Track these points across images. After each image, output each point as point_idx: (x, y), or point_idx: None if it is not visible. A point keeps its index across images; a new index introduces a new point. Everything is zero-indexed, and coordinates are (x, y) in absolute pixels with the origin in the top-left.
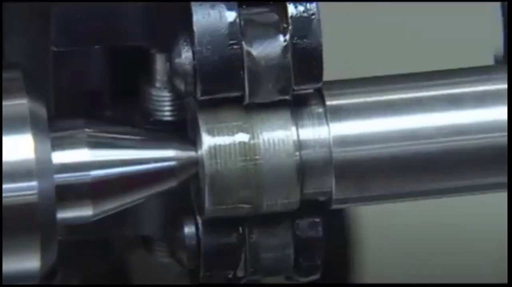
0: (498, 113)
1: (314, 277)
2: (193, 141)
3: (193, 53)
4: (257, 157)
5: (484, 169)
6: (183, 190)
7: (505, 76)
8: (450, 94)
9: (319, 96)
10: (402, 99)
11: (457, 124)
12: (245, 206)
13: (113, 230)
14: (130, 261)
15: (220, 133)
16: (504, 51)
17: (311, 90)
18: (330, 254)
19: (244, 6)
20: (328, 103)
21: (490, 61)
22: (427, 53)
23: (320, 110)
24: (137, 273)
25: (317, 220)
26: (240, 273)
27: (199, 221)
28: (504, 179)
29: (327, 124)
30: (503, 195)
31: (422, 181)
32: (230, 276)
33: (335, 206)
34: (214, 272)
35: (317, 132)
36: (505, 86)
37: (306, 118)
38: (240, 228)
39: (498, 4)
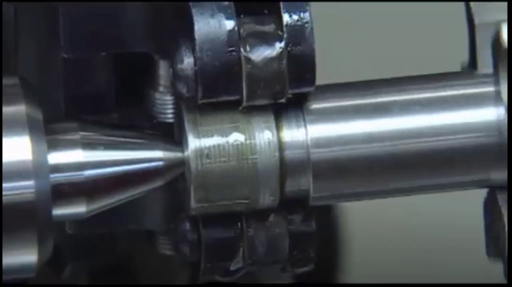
0: (467, 115)
1: (307, 268)
2: (181, 143)
3: (194, 59)
4: (249, 156)
5: (458, 168)
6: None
7: (472, 81)
8: (423, 98)
9: (298, 99)
10: (376, 103)
11: (430, 126)
12: (232, 203)
13: (120, 224)
14: (135, 256)
15: (203, 134)
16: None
17: (290, 95)
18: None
19: (242, 16)
20: (306, 106)
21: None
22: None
23: (299, 112)
24: (142, 266)
25: (310, 216)
26: (238, 265)
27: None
28: (478, 177)
29: (305, 126)
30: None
31: (394, 179)
32: (229, 267)
33: (313, 204)
34: (214, 264)
35: (296, 134)
36: (474, 90)
37: (286, 120)
38: (239, 223)
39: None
